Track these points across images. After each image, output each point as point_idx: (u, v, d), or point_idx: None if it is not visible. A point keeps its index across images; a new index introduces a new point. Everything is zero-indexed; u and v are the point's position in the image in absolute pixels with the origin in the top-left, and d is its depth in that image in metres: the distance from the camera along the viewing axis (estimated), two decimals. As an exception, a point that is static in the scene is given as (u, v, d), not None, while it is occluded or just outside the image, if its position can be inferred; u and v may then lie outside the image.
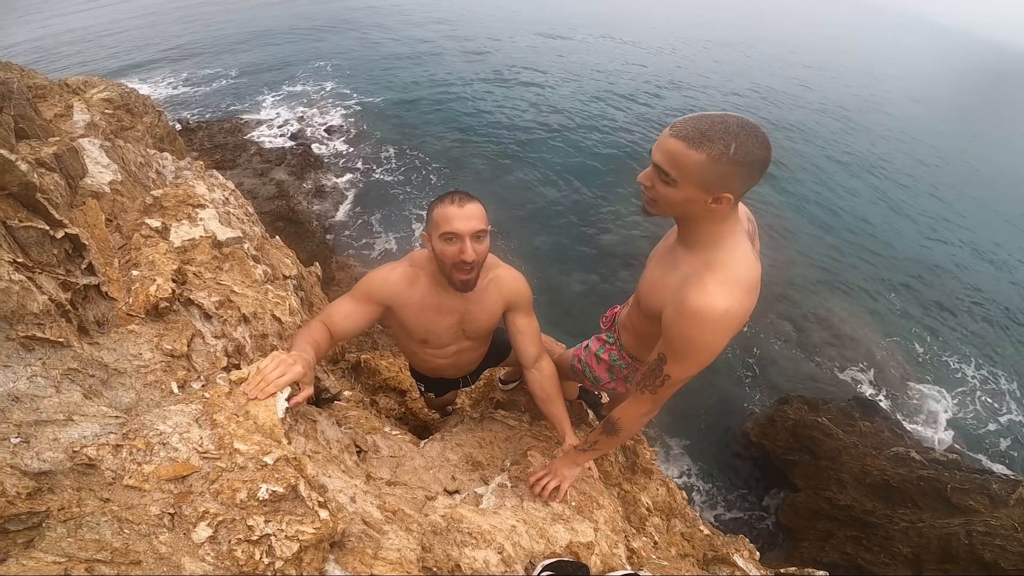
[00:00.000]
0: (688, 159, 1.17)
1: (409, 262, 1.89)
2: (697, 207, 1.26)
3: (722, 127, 1.15)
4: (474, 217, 1.64)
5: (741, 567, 3.32)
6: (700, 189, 1.21)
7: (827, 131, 20.58)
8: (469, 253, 1.63)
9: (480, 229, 1.66)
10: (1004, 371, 10.30)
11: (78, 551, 0.79)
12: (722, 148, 1.14)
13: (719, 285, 1.27)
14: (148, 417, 1.05)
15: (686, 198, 1.24)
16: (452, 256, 1.65)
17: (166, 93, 17.90)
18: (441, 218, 1.64)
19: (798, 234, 13.00)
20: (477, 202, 1.70)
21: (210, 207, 2.40)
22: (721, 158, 1.15)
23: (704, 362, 1.38)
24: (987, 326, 11.50)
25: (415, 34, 26.04)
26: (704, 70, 26.09)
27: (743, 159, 1.15)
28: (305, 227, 9.55)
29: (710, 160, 1.15)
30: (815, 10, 79.58)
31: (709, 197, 1.22)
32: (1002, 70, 60.91)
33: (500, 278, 1.94)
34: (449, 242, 1.64)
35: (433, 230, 1.68)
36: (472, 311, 1.93)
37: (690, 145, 1.16)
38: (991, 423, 9.18)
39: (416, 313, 1.86)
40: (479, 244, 1.67)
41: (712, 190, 1.20)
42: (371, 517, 1.30)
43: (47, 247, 1.16)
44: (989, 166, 21.26)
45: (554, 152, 14.78)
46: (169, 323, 1.58)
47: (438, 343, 2.01)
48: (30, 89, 3.22)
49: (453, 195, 1.67)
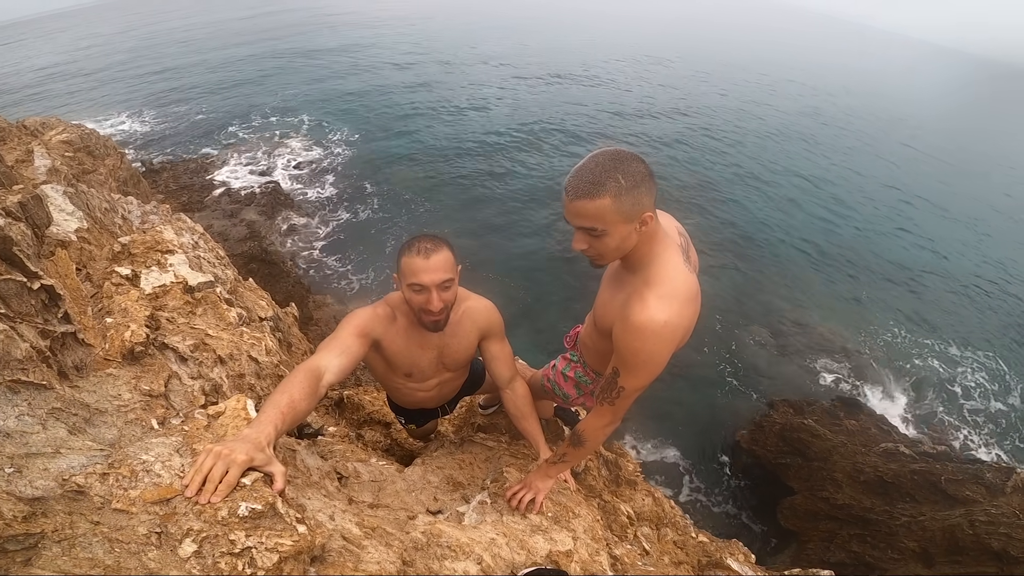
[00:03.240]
0: (601, 209, 1.30)
1: (385, 302, 1.96)
2: (632, 239, 1.39)
3: (602, 169, 1.29)
4: (439, 269, 1.70)
5: (736, 570, 3.38)
6: (625, 224, 1.34)
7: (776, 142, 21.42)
8: (436, 303, 1.72)
9: (446, 279, 1.73)
10: (983, 357, 10.66)
11: (73, 568, 0.85)
12: (615, 185, 1.28)
13: (658, 300, 1.39)
14: (131, 449, 1.12)
15: (622, 237, 1.37)
16: (420, 304, 1.74)
17: (126, 131, 17.67)
18: (408, 269, 1.71)
19: (768, 243, 13.42)
20: (443, 248, 1.74)
21: (179, 252, 2.45)
22: (621, 192, 1.28)
23: (653, 372, 1.50)
24: (960, 312, 12.00)
25: (384, 69, 26.49)
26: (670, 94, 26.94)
27: (634, 181, 1.29)
28: (279, 267, 9.43)
29: (615, 199, 1.29)
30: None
31: (635, 224, 1.35)
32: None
33: (472, 309, 2.03)
34: (417, 292, 1.72)
35: (402, 278, 1.76)
36: (449, 344, 2.02)
37: (593, 197, 1.29)
38: (974, 411, 9.47)
39: (401, 348, 1.94)
40: (446, 292, 1.75)
41: (634, 219, 1.34)
42: (350, 533, 1.36)
43: (25, 298, 1.23)
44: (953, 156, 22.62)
45: (524, 179, 15.11)
46: (145, 366, 1.64)
47: (421, 376, 2.09)
48: (-10, 132, 3.21)
49: (420, 244, 1.72)
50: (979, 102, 51.54)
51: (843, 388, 9.45)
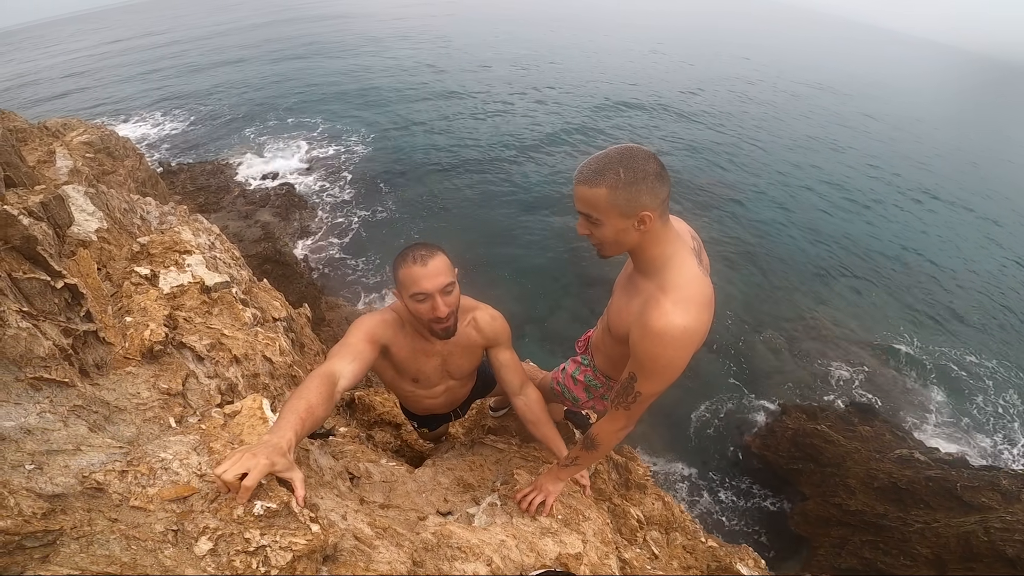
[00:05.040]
0: (597, 197, 1.33)
1: (392, 309, 1.97)
2: (630, 235, 1.40)
3: (607, 160, 1.32)
4: (440, 273, 1.68)
5: (745, 575, 3.37)
6: (621, 217, 1.35)
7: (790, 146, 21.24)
8: (442, 309, 1.71)
9: (448, 283, 1.71)
10: (1001, 363, 10.47)
11: (90, 565, 0.87)
12: (614, 177, 1.30)
13: (675, 305, 1.39)
14: (150, 447, 1.14)
15: (616, 230, 1.38)
16: (426, 313, 1.73)
17: (143, 133, 17.93)
18: (408, 279, 1.69)
19: (780, 247, 13.29)
20: (440, 253, 1.73)
21: (197, 253, 2.49)
22: (618, 185, 1.30)
23: (670, 377, 1.50)
24: (973, 320, 11.76)
25: (399, 72, 26.60)
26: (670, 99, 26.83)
27: (635, 178, 1.30)
28: (293, 268, 9.49)
29: (611, 190, 1.31)
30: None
31: (632, 221, 1.36)
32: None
33: (478, 320, 2.03)
34: (421, 302, 1.71)
35: (402, 290, 1.74)
36: (453, 353, 2.03)
37: (592, 185, 1.33)
38: (989, 416, 9.30)
39: (408, 354, 1.95)
40: (449, 296, 1.73)
41: (630, 214, 1.34)
42: (362, 533, 1.37)
43: (48, 296, 1.25)
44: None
45: (534, 184, 15.10)
46: (164, 365, 1.67)
47: (428, 383, 2.10)
48: (12, 133, 3.26)
49: (415, 252, 1.70)
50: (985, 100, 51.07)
51: (858, 393, 9.32)
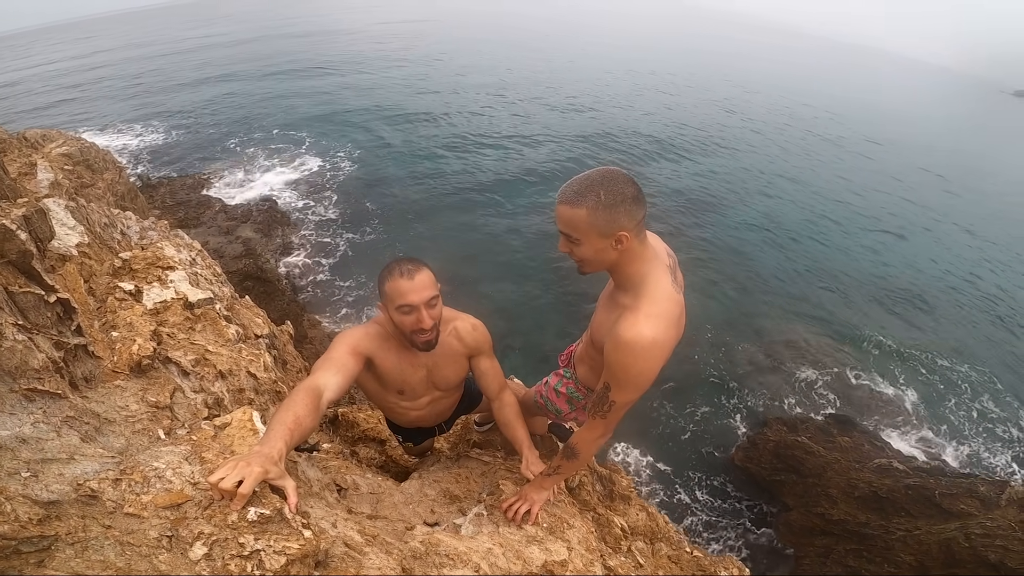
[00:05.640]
0: (577, 217, 1.40)
1: (376, 322, 2.02)
2: (608, 253, 1.47)
3: (588, 183, 1.39)
4: (425, 287, 1.76)
5: (729, 584, 3.40)
6: (599, 237, 1.43)
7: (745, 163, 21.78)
8: (427, 321, 1.79)
9: (432, 296, 1.79)
10: (975, 371, 10.77)
11: (85, 569, 0.88)
12: (594, 199, 1.37)
13: (646, 318, 1.47)
14: (142, 456, 1.15)
15: (595, 249, 1.46)
16: (411, 325, 1.80)
17: (123, 143, 17.69)
18: (395, 292, 1.76)
19: (757, 263, 13.56)
20: (425, 268, 1.80)
21: (179, 269, 2.50)
22: (597, 206, 1.37)
23: (642, 387, 1.57)
24: (948, 327, 12.17)
25: (380, 90, 26.63)
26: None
27: (614, 201, 1.38)
28: (274, 286, 9.41)
29: (590, 212, 1.38)
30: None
31: (611, 240, 1.43)
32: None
33: (459, 329, 2.09)
34: (406, 314, 1.78)
35: (388, 303, 1.81)
36: (438, 363, 2.08)
37: (573, 206, 1.40)
38: (965, 423, 9.56)
39: (393, 366, 1.99)
40: (433, 309, 1.81)
41: (608, 234, 1.42)
42: (352, 540, 1.39)
43: (42, 310, 1.27)
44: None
45: (518, 203, 15.23)
46: (151, 379, 1.68)
47: (413, 394, 2.14)
48: (-6, 143, 3.22)
49: (402, 266, 1.77)
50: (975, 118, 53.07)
51: (836, 405, 9.53)
